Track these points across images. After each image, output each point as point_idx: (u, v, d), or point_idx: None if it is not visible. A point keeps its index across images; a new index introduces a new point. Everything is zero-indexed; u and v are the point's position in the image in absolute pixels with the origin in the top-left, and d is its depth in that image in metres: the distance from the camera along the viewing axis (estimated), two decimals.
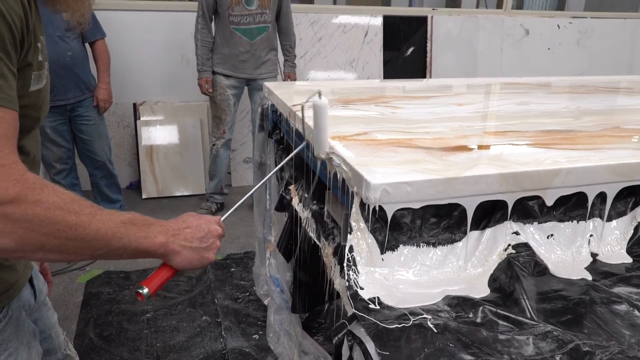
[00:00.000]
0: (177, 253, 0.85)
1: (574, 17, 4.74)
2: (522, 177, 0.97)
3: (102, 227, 0.75)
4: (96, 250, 0.76)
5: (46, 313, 1.10)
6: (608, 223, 1.11)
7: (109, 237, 0.76)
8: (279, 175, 1.86)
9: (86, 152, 3.01)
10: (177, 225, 0.87)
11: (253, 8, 3.16)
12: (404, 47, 4.31)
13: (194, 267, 0.88)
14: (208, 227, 0.90)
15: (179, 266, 0.87)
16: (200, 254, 0.88)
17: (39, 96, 0.86)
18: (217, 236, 0.92)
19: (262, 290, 2.29)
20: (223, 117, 3.34)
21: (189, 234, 0.87)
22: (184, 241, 0.86)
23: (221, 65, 3.27)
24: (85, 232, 0.73)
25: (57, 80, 2.72)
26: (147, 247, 0.81)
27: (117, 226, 0.77)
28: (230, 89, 3.30)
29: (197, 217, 0.92)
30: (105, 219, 0.76)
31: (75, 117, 2.90)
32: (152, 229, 0.82)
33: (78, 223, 0.72)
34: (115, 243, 0.77)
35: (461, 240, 1.02)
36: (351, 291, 0.90)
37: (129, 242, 0.78)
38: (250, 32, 3.20)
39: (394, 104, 1.62)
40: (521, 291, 0.94)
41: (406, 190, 0.90)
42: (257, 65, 3.29)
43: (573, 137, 1.21)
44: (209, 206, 3.52)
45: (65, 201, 0.73)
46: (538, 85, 2.09)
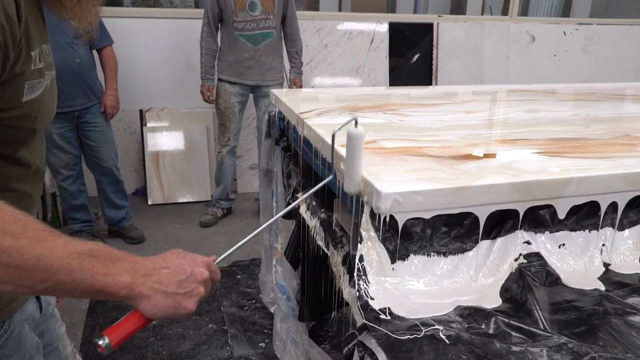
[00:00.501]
0: (147, 298, 0.71)
1: (580, 23, 4.73)
2: (533, 186, 0.96)
3: (47, 255, 0.63)
4: (37, 282, 0.64)
5: (53, 325, 1.07)
6: (620, 232, 1.10)
7: (55, 268, 0.63)
8: (286, 183, 1.86)
9: (93, 158, 3.01)
10: (153, 265, 0.73)
11: (257, 14, 3.16)
12: (410, 54, 4.31)
13: (168, 316, 0.74)
14: (191, 269, 0.76)
15: (150, 314, 0.73)
16: (176, 301, 0.73)
17: (33, 106, 0.81)
18: (202, 281, 0.77)
19: (269, 297, 2.28)
20: (228, 124, 3.34)
21: (166, 276, 0.73)
22: (157, 284, 0.72)
23: (226, 72, 3.27)
24: (22, 259, 0.62)
25: (64, 87, 2.73)
26: (106, 286, 0.67)
27: (69, 256, 0.65)
28: (236, 96, 3.30)
29: (182, 256, 0.77)
30: (55, 246, 0.64)
31: (83, 124, 2.91)
32: (117, 265, 0.69)
33: (13, 247, 0.61)
34: (62, 276, 0.64)
35: (472, 249, 1.01)
36: (362, 301, 0.89)
37: (81, 277, 0.65)
38: (255, 38, 3.20)
39: (401, 111, 1.61)
40: (533, 301, 0.93)
41: (417, 200, 0.89)
42: (262, 72, 3.28)
43: (584, 146, 1.20)
44: (215, 211, 3.52)
45: (4, 220, 0.62)
46: (546, 93, 2.08)
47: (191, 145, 3.84)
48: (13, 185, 0.84)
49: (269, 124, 2.00)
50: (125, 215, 3.21)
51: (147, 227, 3.35)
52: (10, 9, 0.70)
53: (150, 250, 3.06)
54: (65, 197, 3.00)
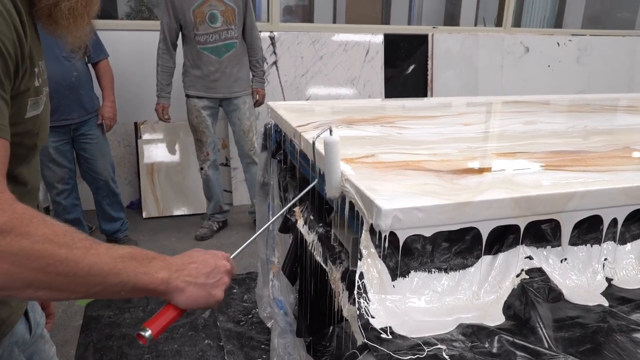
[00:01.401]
0: (181, 290, 0.78)
1: (573, 34, 4.77)
2: (535, 201, 0.95)
3: (97, 262, 0.69)
4: (91, 287, 0.70)
5: (43, 346, 1.05)
6: (622, 246, 1.09)
7: (105, 272, 0.70)
8: (282, 196, 1.84)
9: (89, 171, 2.99)
10: (182, 261, 0.81)
11: (218, 25, 3.12)
12: (405, 65, 4.32)
13: (200, 305, 0.81)
14: (215, 262, 0.84)
15: (184, 305, 0.80)
16: (207, 291, 0.81)
17: (35, 123, 0.83)
18: (226, 272, 0.85)
19: (265, 312, 2.25)
20: (204, 139, 3.30)
21: (194, 270, 0.80)
22: (188, 277, 0.79)
23: (193, 87, 3.22)
24: (78, 267, 0.67)
25: (62, 101, 2.73)
26: (148, 284, 0.74)
27: (114, 260, 0.71)
28: (205, 109, 3.25)
29: (204, 252, 0.85)
30: (100, 252, 0.70)
31: (79, 137, 2.90)
32: (153, 264, 0.76)
33: (69, 257, 0.67)
34: (112, 279, 0.71)
35: (473, 265, 0.99)
36: (362, 320, 0.87)
37: (127, 278, 0.72)
38: (218, 50, 3.16)
39: (398, 124, 1.60)
40: (537, 318, 0.92)
41: (417, 216, 0.88)
42: (229, 84, 3.23)
43: (584, 159, 1.19)
44: (210, 225, 3.49)
45: (56, 233, 0.67)
46: (542, 104, 2.08)
47: (186, 158, 3.82)
48: None
49: (265, 136, 1.99)
50: (120, 226, 3.19)
51: (142, 241, 3.31)
52: (19, 28, 0.73)
53: None
54: (59, 211, 2.96)
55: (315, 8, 6.84)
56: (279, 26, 3.96)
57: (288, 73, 3.98)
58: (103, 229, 3.17)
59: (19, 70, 0.74)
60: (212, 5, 3.09)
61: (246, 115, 3.31)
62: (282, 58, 3.94)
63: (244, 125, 3.32)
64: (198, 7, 3.08)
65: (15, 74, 0.73)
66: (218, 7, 3.11)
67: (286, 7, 6.71)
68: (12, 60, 0.72)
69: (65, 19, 0.83)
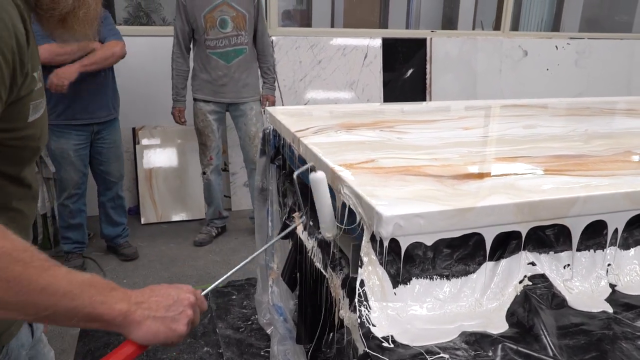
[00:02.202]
0: (139, 324, 0.74)
1: (571, 38, 4.78)
2: (538, 207, 0.94)
3: (53, 283, 0.66)
4: (41, 309, 0.66)
5: (42, 350, 1.05)
6: (626, 252, 1.07)
7: (59, 295, 0.67)
8: (281, 202, 1.83)
9: (102, 173, 3.02)
10: (142, 294, 0.77)
11: (228, 30, 3.13)
12: (404, 69, 4.32)
13: (160, 340, 0.76)
14: (178, 295, 0.79)
15: (143, 340, 0.75)
16: (166, 325, 0.75)
17: (37, 126, 0.83)
18: (189, 305, 0.79)
19: (265, 318, 2.23)
20: (208, 143, 3.30)
21: (154, 303, 0.76)
22: (147, 310, 0.74)
23: (200, 91, 3.23)
24: (30, 286, 0.64)
25: (89, 98, 2.77)
26: (104, 314, 0.70)
27: (71, 285, 0.68)
28: (212, 114, 3.26)
29: (168, 285, 0.81)
30: (58, 275, 0.68)
31: (98, 140, 2.92)
32: (113, 294, 0.72)
33: (23, 275, 0.64)
34: (65, 303, 0.67)
35: (475, 271, 0.98)
36: (364, 329, 0.86)
37: (82, 304, 0.68)
38: (227, 55, 3.17)
39: (398, 128, 1.59)
40: (541, 326, 0.90)
41: (419, 223, 0.86)
42: (237, 89, 3.24)
43: (586, 163, 1.18)
44: (209, 230, 3.47)
45: (15, 248, 0.65)
46: (542, 108, 2.07)
47: (184, 163, 3.81)
48: (14, 205, 0.85)
49: (263, 141, 1.98)
50: (121, 232, 3.18)
51: (140, 247, 3.30)
52: (20, 35, 0.73)
53: (144, 270, 3.00)
54: (64, 215, 2.95)
55: (313, 12, 6.85)
56: (278, 31, 3.96)
57: (287, 77, 3.97)
58: (104, 233, 3.16)
59: (17, 77, 0.74)
60: (223, 11, 3.11)
61: (252, 122, 3.31)
62: (280, 62, 3.93)
63: (250, 131, 3.31)
64: (209, 12, 3.09)
65: (13, 81, 0.73)
66: (229, 13, 3.12)
67: (284, 12, 6.73)
68: (10, 68, 0.72)
69: (80, 24, 0.84)
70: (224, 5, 3.10)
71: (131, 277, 2.90)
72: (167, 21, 5.94)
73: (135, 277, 2.90)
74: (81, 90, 2.72)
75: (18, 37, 0.72)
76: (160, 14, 5.89)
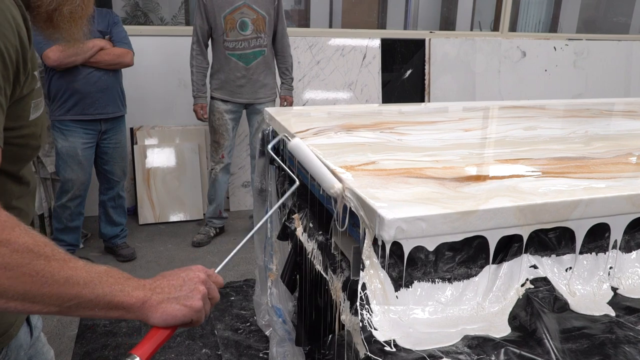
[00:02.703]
0: (155, 309, 0.75)
1: (569, 39, 4.78)
2: (540, 210, 0.93)
3: (74, 275, 0.69)
4: (65, 300, 0.68)
5: (42, 349, 1.05)
6: (628, 255, 1.07)
7: (81, 285, 0.69)
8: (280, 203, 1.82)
9: (105, 173, 3.03)
10: (154, 280, 0.79)
11: (248, 33, 3.13)
12: (402, 70, 4.32)
13: (179, 319, 0.77)
14: (187, 275, 0.81)
15: (163, 323, 0.77)
16: (181, 303, 0.77)
17: (37, 124, 0.84)
18: (199, 281, 0.81)
19: (264, 320, 2.22)
20: (221, 141, 3.31)
21: (167, 286, 0.78)
22: (160, 294, 0.77)
23: (219, 90, 3.24)
24: (54, 279, 0.67)
25: (99, 94, 2.79)
26: (123, 301, 0.73)
27: (91, 275, 0.70)
28: (228, 113, 3.27)
29: (178, 269, 0.83)
30: (78, 266, 0.70)
31: (104, 140, 2.94)
32: (129, 283, 0.74)
33: (46, 268, 0.66)
34: (87, 293, 0.69)
35: (477, 275, 0.97)
36: (365, 333, 0.85)
37: (102, 293, 0.71)
38: (246, 57, 3.17)
39: (399, 129, 1.59)
40: (543, 329, 0.90)
41: (421, 227, 0.86)
42: (254, 90, 3.25)
43: (587, 165, 1.18)
44: (207, 231, 3.46)
45: (37, 243, 0.67)
46: (542, 109, 2.07)
47: (183, 163, 3.79)
48: (13, 203, 0.86)
49: (263, 142, 1.97)
50: (120, 232, 3.18)
51: (138, 247, 3.29)
52: (23, 35, 0.74)
53: (142, 271, 2.99)
54: (63, 217, 2.92)
55: (311, 12, 6.84)
56: None
57: None
58: (102, 232, 3.15)
59: (20, 76, 0.75)
60: (243, 13, 3.10)
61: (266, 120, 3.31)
62: None
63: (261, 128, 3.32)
64: (229, 14, 3.09)
65: (16, 80, 0.74)
66: (249, 15, 3.11)
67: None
68: (13, 66, 0.72)
69: (66, 22, 0.84)
70: (244, 7, 3.09)
71: None
72: (165, 21, 5.91)
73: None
74: (91, 86, 2.75)
75: (21, 36, 0.73)
76: (158, 13, 5.87)
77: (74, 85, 2.71)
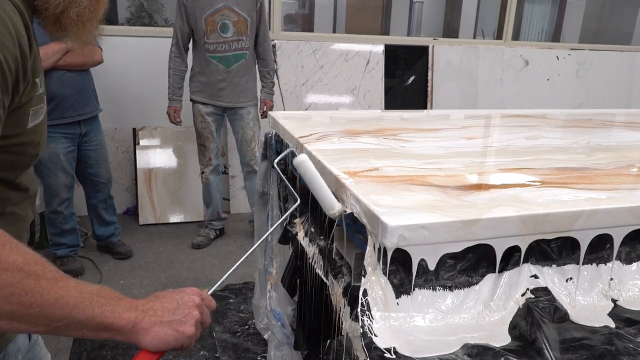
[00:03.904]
0: (146, 331, 0.74)
1: (572, 48, 4.80)
2: (542, 220, 0.94)
3: (64, 295, 0.67)
4: (54, 321, 0.67)
5: (39, 353, 1.05)
6: (628, 266, 1.07)
7: (71, 306, 0.67)
8: (282, 207, 1.82)
9: (90, 176, 3.01)
10: (147, 302, 0.77)
11: (229, 35, 3.11)
12: (405, 76, 4.33)
13: (170, 344, 0.76)
14: (182, 298, 0.79)
15: (153, 346, 0.75)
16: (173, 328, 0.75)
17: (36, 132, 0.83)
18: (194, 306, 0.80)
19: (262, 323, 2.22)
20: (207, 144, 3.30)
21: (160, 309, 0.76)
22: (153, 317, 0.75)
23: (199, 93, 3.22)
24: (43, 299, 0.65)
25: (76, 95, 2.78)
26: (113, 323, 0.71)
27: (82, 295, 0.69)
28: (210, 116, 3.25)
29: (172, 290, 0.82)
30: (69, 286, 0.68)
31: (85, 143, 2.92)
32: (120, 304, 0.73)
33: (36, 288, 0.65)
34: (77, 314, 0.68)
35: (478, 283, 0.98)
36: (366, 339, 0.85)
37: (92, 315, 0.69)
38: (227, 60, 3.15)
39: (401, 136, 1.59)
40: (543, 339, 0.90)
41: (424, 235, 0.86)
42: (235, 93, 3.22)
43: (590, 176, 1.18)
44: (207, 233, 3.46)
45: (27, 262, 0.66)
46: (544, 118, 2.07)
47: (184, 165, 3.80)
48: (9, 209, 0.85)
49: (265, 146, 1.97)
50: (114, 231, 3.18)
51: (138, 247, 3.29)
52: (24, 43, 0.73)
53: (140, 271, 2.99)
54: (57, 221, 2.93)
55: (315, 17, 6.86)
56: (280, 35, 3.97)
57: (288, 82, 3.98)
58: (97, 234, 3.15)
59: (19, 85, 0.74)
60: (224, 15, 3.08)
61: (249, 125, 3.30)
62: (282, 67, 3.94)
63: (246, 135, 3.31)
64: (210, 16, 3.07)
65: (15, 90, 0.73)
66: (230, 18, 3.09)
67: (287, 16, 6.74)
68: (12, 76, 0.71)
69: (74, 25, 0.84)
70: (225, 10, 3.07)
71: (127, 279, 2.88)
72: (169, 22, 5.93)
73: (132, 278, 2.89)
74: (66, 88, 2.74)
75: (22, 45, 0.72)
76: (163, 14, 5.89)
77: (49, 89, 2.63)
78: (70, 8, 0.82)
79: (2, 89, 0.70)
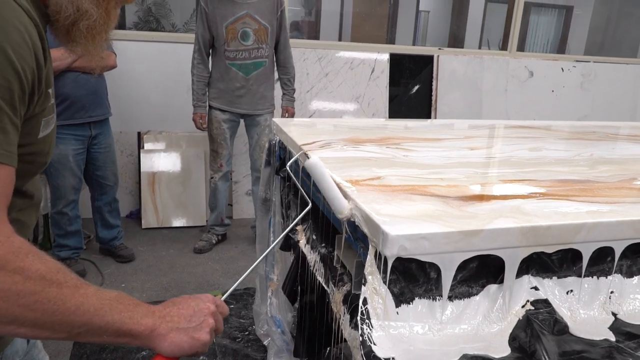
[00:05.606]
0: (163, 337, 0.76)
1: (577, 60, 4.80)
2: (543, 233, 0.94)
3: (85, 302, 0.69)
4: (75, 327, 0.69)
5: (37, 355, 1.05)
6: (629, 280, 1.07)
7: (91, 313, 0.69)
8: (284, 213, 1.83)
9: (97, 178, 3.04)
10: (164, 307, 0.79)
11: (249, 43, 3.13)
12: (410, 85, 4.34)
13: (186, 351, 0.78)
14: (198, 305, 0.82)
15: (169, 352, 0.77)
16: (189, 335, 0.78)
17: (46, 142, 0.84)
18: (209, 314, 0.82)
19: (262, 330, 2.22)
20: (220, 150, 3.31)
21: (176, 315, 0.78)
22: (170, 323, 0.77)
23: (217, 99, 3.24)
24: (65, 306, 0.67)
25: (87, 99, 2.81)
26: (132, 329, 0.73)
27: (101, 302, 0.71)
28: (226, 122, 3.27)
29: (188, 297, 0.84)
30: (89, 293, 0.70)
31: (94, 145, 2.95)
32: (138, 309, 0.75)
33: (58, 296, 0.67)
34: (97, 321, 0.70)
35: (478, 294, 0.98)
36: (365, 348, 0.85)
37: (112, 320, 0.71)
38: (246, 68, 3.17)
39: (404, 145, 1.60)
40: (542, 351, 0.90)
41: (424, 246, 0.86)
42: (253, 101, 3.24)
43: (591, 189, 1.18)
44: (210, 237, 3.47)
45: (49, 270, 0.68)
46: (547, 130, 2.08)
47: (188, 169, 3.81)
48: (14, 216, 0.85)
49: (269, 152, 1.98)
50: (117, 234, 3.20)
51: (140, 251, 3.29)
52: (39, 55, 0.74)
53: (142, 275, 2.99)
54: (62, 223, 2.94)
55: (321, 25, 6.90)
56: None
57: None
58: (100, 236, 3.17)
59: (34, 96, 0.75)
60: (245, 23, 3.10)
61: (265, 132, 3.32)
62: None
63: (261, 141, 3.33)
64: (231, 24, 3.09)
65: (30, 100, 0.74)
66: (251, 26, 3.11)
67: (293, 23, 6.78)
68: (29, 87, 0.73)
69: (83, 38, 0.84)
70: (246, 18, 3.09)
71: (129, 282, 2.89)
72: (176, 27, 5.98)
73: (134, 281, 2.90)
74: (81, 90, 2.77)
75: (37, 56, 0.73)
76: (170, 19, 5.94)
77: (63, 90, 2.69)
78: (81, 21, 0.83)
79: (19, 99, 0.71)
